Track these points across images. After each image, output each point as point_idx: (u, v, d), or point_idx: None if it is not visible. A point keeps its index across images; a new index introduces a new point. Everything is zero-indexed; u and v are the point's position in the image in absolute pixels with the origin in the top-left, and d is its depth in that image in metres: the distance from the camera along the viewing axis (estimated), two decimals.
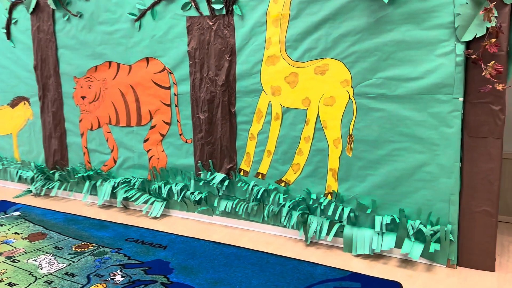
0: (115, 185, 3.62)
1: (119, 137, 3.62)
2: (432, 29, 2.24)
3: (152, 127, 3.43)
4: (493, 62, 2.04)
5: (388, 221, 2.47)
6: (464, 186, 2.31)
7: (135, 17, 3.28)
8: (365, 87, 2.48)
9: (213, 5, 2.92)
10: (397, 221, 2.46)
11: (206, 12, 2.97)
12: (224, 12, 2.90)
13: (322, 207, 2.69)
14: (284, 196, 2.85)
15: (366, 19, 2.41)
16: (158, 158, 3.44)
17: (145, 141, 3.49)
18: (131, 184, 3.55)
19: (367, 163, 2.55)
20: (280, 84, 2.77)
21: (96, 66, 3.61)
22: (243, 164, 3.02)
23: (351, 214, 2.61)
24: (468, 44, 2.17)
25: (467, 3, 2.12)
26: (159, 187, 3.41)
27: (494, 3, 1.98)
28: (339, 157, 2.64)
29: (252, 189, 2.95)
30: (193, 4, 3.00)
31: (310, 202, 2.75)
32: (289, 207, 2.82)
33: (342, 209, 2.63)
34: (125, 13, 3.33)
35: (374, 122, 2.49)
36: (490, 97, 2.16)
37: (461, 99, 2.22)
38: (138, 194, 3.50)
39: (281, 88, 2.77)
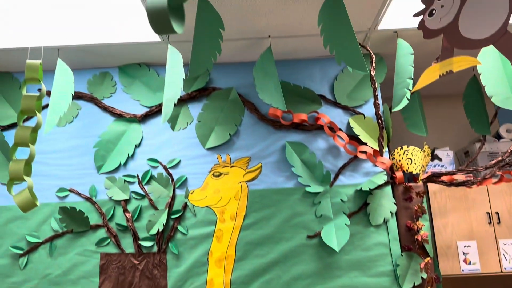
0: None
1: None
2: (376, 277, 2.53)
3: None
4: None
5: None
6: None
7: (21, 252, 2.59)
8: None
9: (141, 242, 2.60)
10: None
11: (130, 249, 2.61)
12: (155, 250, 2.60)
13: None
14: None
15: (316, 264, 2.56)
16: None
17: None
18: None
19: None
20: None
21: None
22: None
23: None
24: None
25: (402, 255, 2.53)
26: None
27: (429, 258, 2.43)
28: None
29: None
30: (113, 240, 2.61)
31: None
32: None
33: None
34: (5, 245, 2.60)
35: None
36: None
37: None
38: None
39: None
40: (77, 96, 2.80)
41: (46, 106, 2.71)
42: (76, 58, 2.70)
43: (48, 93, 2.77)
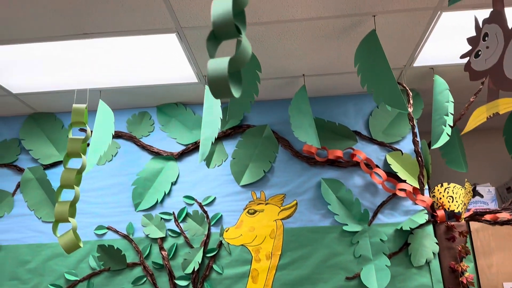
0: None
1: None
2: None
3: None
4: None
5: None
6: None
7: None
8: None
9: (176, 281, 2.58)
10: None
11: None
12: None
13: None
14: None
15: None
16: None
17: None
18: None
19: None
20: None
21: None
22: None
23: None
24: None
25: None
26: None
27: None
28: None
29: None
30: (149, 278, 2.60)
31: None
32: None
33: None
34: (45, 282, 2.64)
35: None
36: None
37: None
38: None
39: None
40: (117, 135, 2.88)
41: (88, 145, 2.80)
42: (116, 99, 2.80)
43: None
